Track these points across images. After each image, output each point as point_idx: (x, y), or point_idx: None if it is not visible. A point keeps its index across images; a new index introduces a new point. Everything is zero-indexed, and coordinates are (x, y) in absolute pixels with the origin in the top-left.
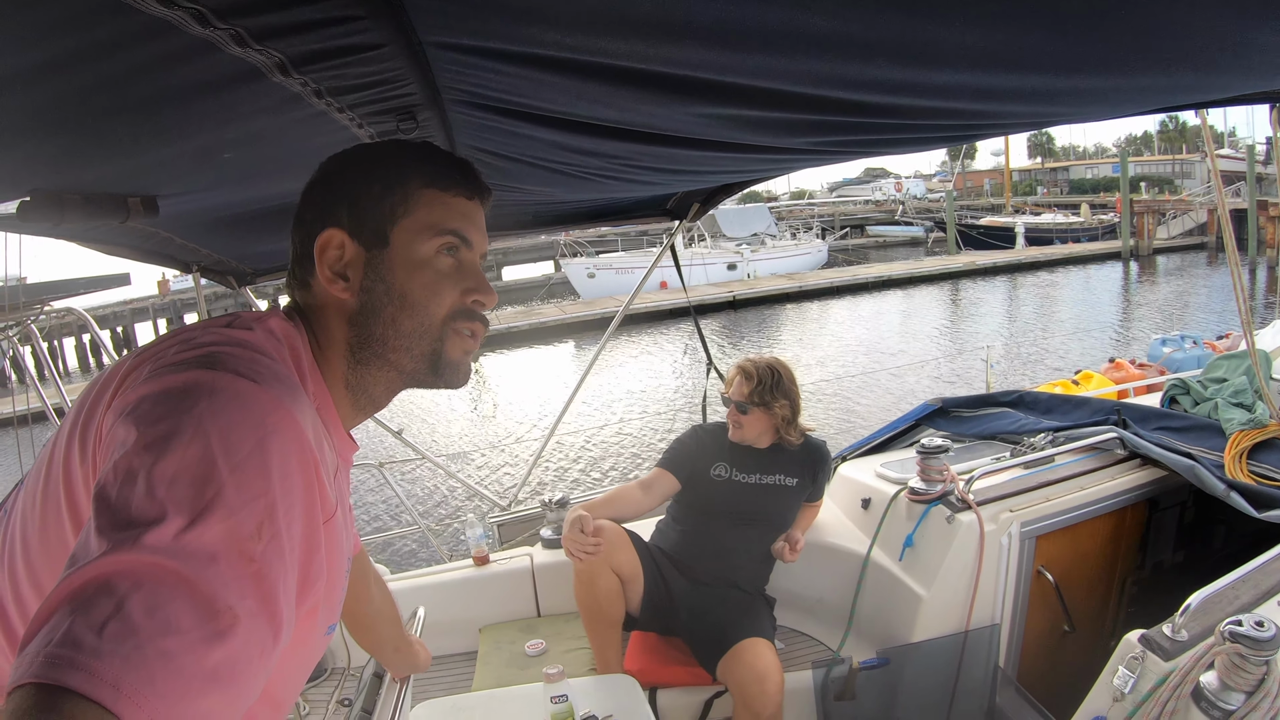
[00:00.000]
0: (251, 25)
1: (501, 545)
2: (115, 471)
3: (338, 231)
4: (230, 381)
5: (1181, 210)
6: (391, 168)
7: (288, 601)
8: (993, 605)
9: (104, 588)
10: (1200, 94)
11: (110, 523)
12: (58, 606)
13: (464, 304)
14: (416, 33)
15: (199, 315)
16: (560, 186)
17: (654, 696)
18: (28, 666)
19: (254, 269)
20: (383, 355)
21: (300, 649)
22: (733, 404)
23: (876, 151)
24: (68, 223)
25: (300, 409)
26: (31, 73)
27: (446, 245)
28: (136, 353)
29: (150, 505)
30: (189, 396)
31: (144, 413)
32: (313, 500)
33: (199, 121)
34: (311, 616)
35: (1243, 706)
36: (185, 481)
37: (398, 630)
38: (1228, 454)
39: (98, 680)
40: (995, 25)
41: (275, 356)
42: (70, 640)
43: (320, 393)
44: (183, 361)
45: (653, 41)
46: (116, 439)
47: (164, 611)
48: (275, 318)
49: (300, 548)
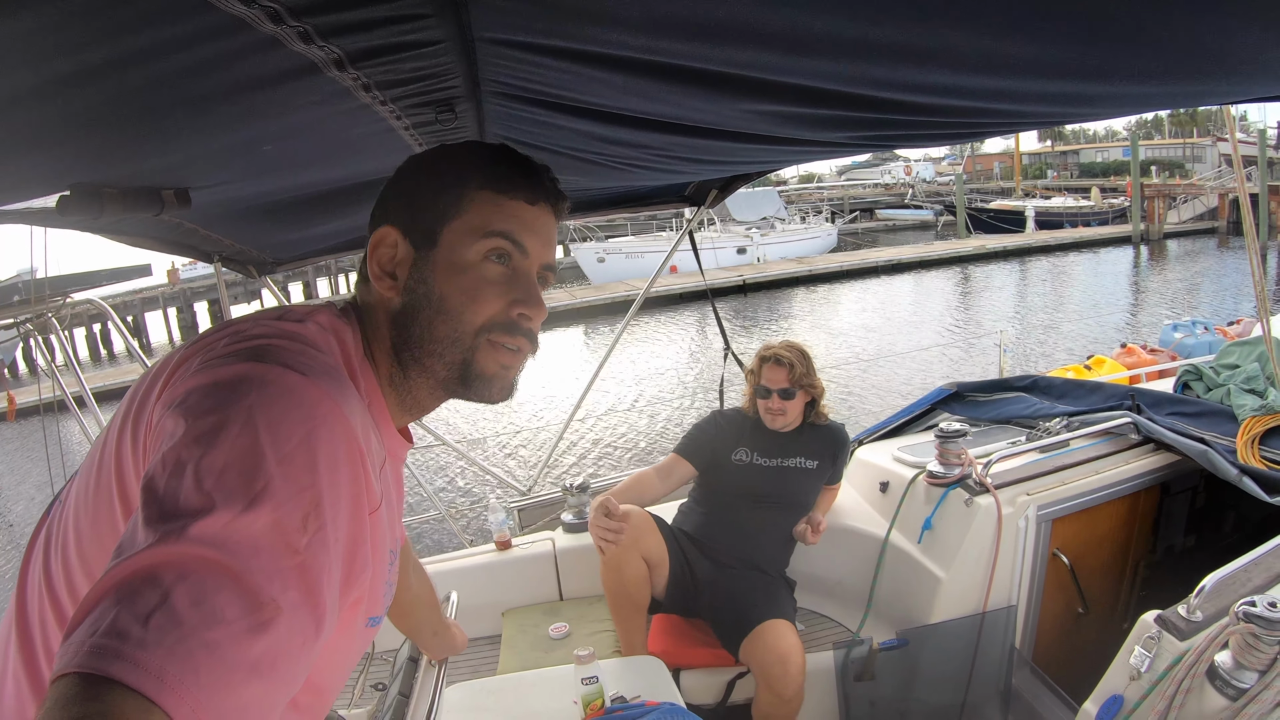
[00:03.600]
0: (320, 23)
1: (523, 530)
2: (164, 463)
3: (393, 230)
4: (280, 374)
5: (1192, 194)
6: (455, 168)
7: (331, 594)
8: (1009, 587)
9: (150, 579)
10: (1228, 97)
11: (157, 514)
12: (103, 596)
13: (508, 316)
14: (471, 29)
15: (221, 304)
16: (586, 175)
17: (677, 677)
18: (72, 656)
19: (275, 258)
20: (419, 360)
21: (343, 641)
22: (774, 393)
23: (905, 144)
24: (105, 216)
25: (348, 402)
26: (94, 70)
27: (494, 250)
28: (187, 344)
29: (198, 497)
30: (238, 389)
31: (193, 404)
32: (359, 493)
33: (246, 116)
34: (355, 609)
35: (1256, 685)
36: (234, 473)
37: (436, 614)
38: (1240, 439)
39: (141, 671)
40: (1034, 36)
41: (325, 350)
42: (115, 630)
43: (370, 388)
44: (233, 354)
45: (718, 43)
46: (166, 430)
47: (209, 603)
48: (327, 312)
49: (345, 540)
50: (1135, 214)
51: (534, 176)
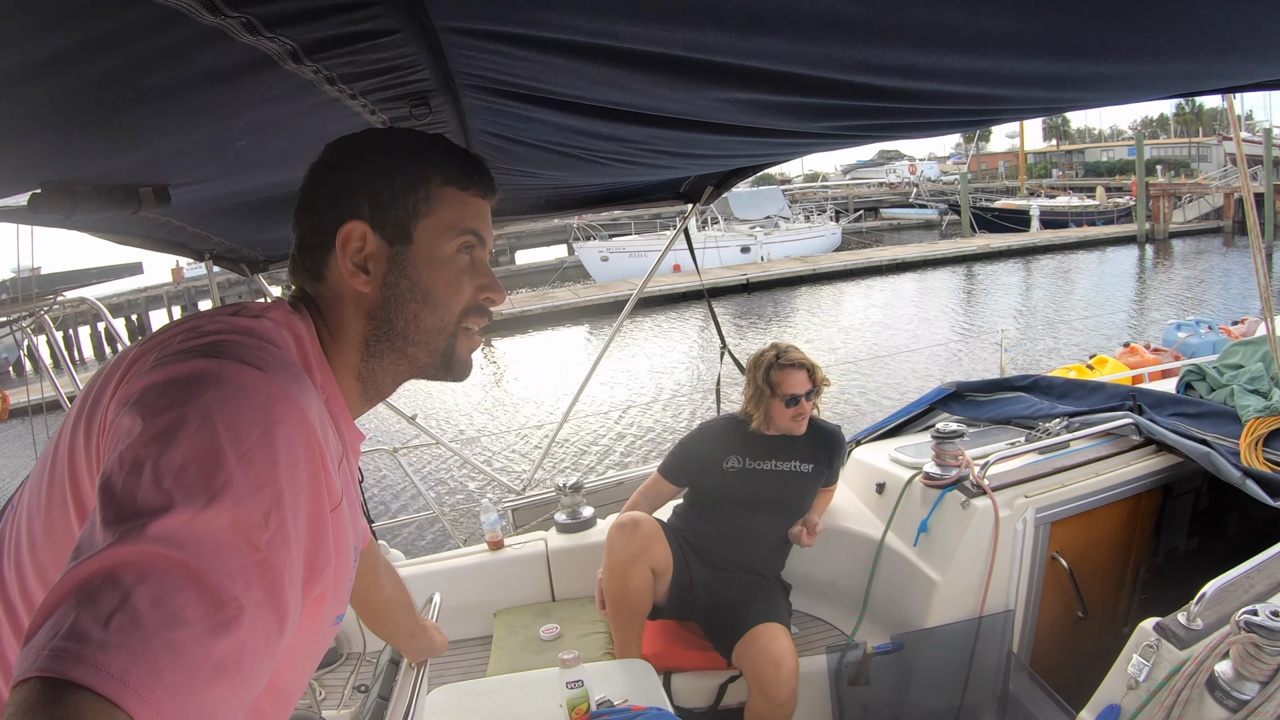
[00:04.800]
0: (262, 13)
1: (516, 530)
2: (121, 462)
3: (360, 224)
4: (236, 370)
5: (1197, 193)
6: (411, 162)
7: (293, 591)
8: (1007, 591)
9: (109, 579)
10: (1225, 80)
11: (115, 514)
12: (63, 599)
13: (476, 300)
14: (430, 18)
15: (213, 302)
16: (574, 171)
17: (669, 681)
18: (33, 660)
19: (266, 256)
20: (400, 349)
21: (307, 639)
22: (801, 398)
23: (894, 136)
24: (79, 214)
25: (306, 398)
26: (43, 64)
27: (465, 244)
28: (141, 342)
29: (157, 495)
30: (195, 385)
31: (149, 402)
32: (319, 489)
33: (210, 111)
34: (319, 606)
35: (1257, 696)
36: (193, 471)
37: (411, 616)
38: (1243, 441)
39: (103, 674)
40: (1020, 11)
41: (281, 345)
42: (76, 633)
43: (328, 382)
44: (188, 350)
45: (674, 25)
46: (122, 429)
47: (170, 603)
48: (280, 308)
49: (307, 537)
50: (1140, 213)
51: (484, 171)
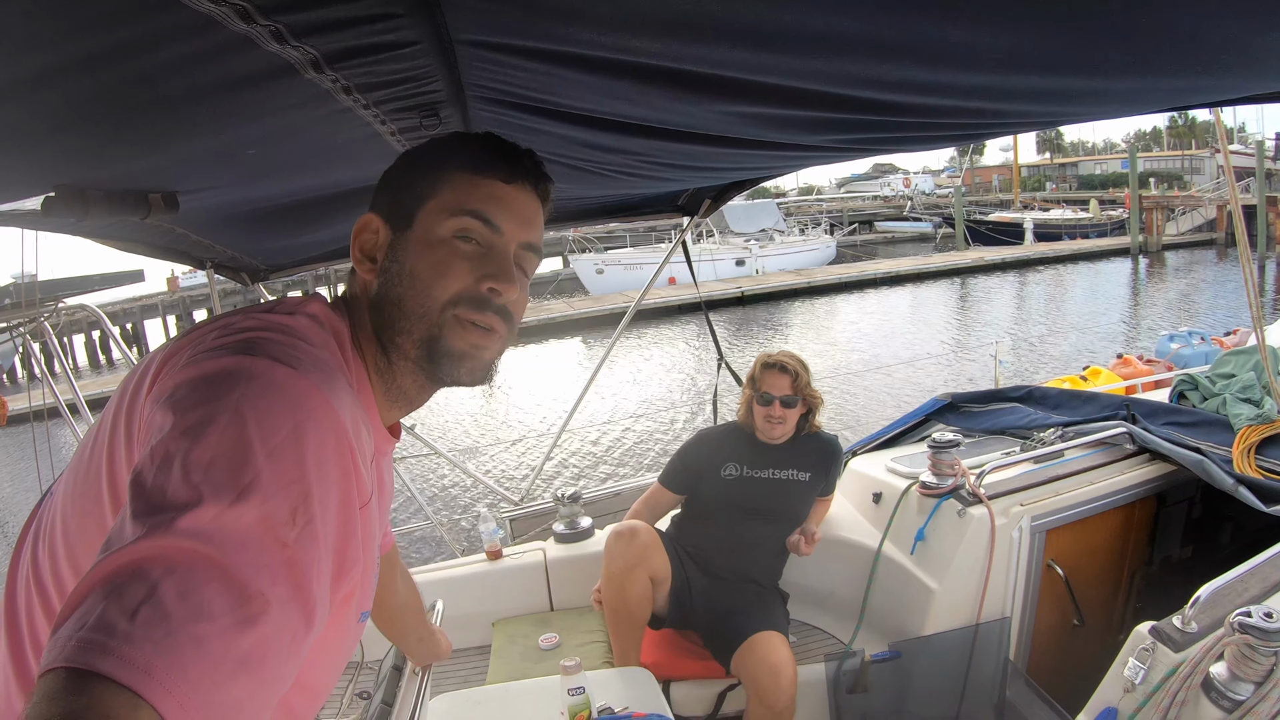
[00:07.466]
0: (292, 21)
1: (514, 540)
2: (152, 457)
3: (374, 216)
4: (267, 367)
5: (1190, 206)
6: (436, 153)
7: (321, 588)
8: (1003, 599)
9: (137, 573)
10: (1213, 94)
11: (145, 507)
12: (91, 590)
13: (477, 290)
14: (449, 30)
15: (213, 311)
16: (576, 183)
17: (668, 689)
18: (60, 650)
19: (267, 265)
20: (394, 340)
21: (335, 637)
22: (776, 400)
23: (893, 149)
24: (90, 219)
25: (338, 395)
26: (69, 68)
27: (465, 227)
28: (177, 338)
29: (185, 490)
30: (226, 382)
31: (181, 398)
32: (348, 487)
33: (224, 118)
34: (346, 604)
35: (1252, 697)
36: (221, 466)
37: (422, 620)
38: (1236, 449)
39: (129, 666)
40: (1017, 30)
41: (316, 342)
42: (102, 625)
43: (360, 380)
44: (221, 347)
45: (689, 41)
46: (154, 424)
47: (196, 597)
48: (318, 303)
49: (335, 534)
50: (1134, 226)
51: (512, 157)
